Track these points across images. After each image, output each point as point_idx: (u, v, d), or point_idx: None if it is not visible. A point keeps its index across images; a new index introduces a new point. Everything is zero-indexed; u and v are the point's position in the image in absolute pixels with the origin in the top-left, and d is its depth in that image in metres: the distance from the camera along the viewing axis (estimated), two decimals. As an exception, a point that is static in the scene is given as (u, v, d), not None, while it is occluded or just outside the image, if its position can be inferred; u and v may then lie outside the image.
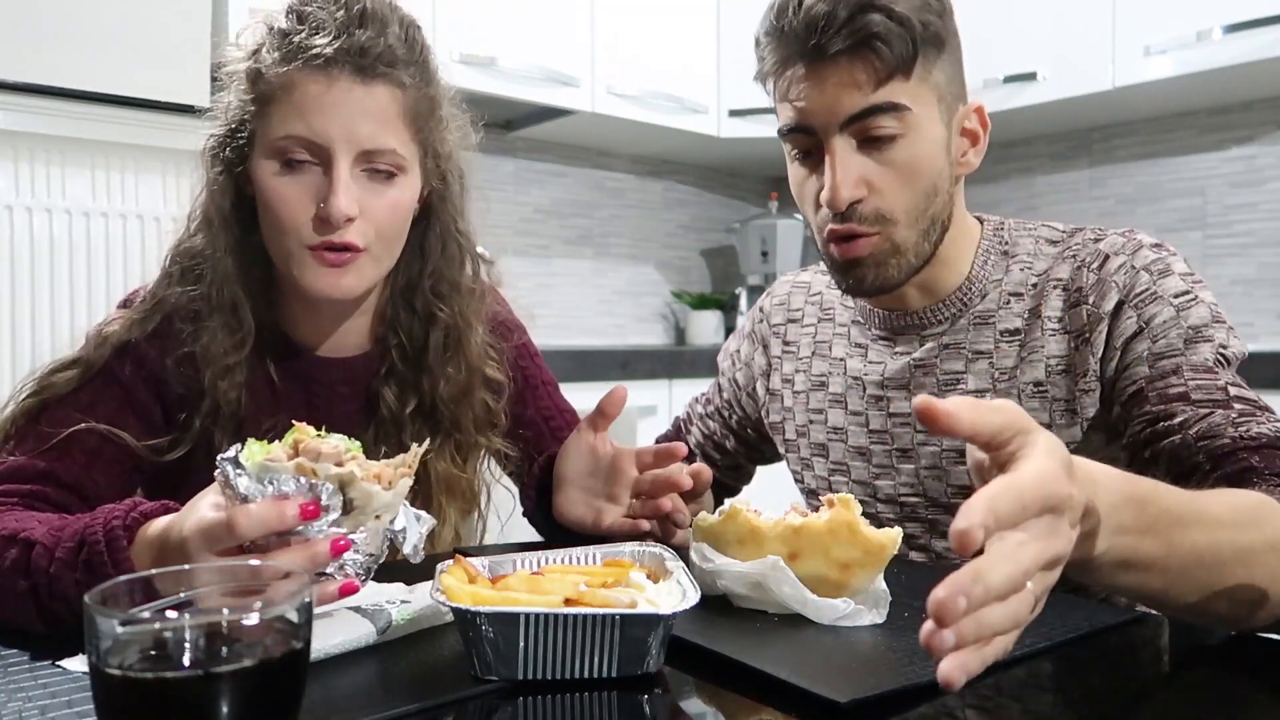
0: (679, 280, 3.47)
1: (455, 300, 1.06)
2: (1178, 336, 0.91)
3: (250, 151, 0.96)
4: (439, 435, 1.06)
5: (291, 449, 0.69)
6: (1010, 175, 3.03)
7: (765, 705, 0.61)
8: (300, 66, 0.91)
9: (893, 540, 0.74)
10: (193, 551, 0.67)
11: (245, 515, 0.65)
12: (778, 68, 0.97)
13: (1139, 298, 0.93)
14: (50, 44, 1.85)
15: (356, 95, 0.92)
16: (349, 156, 0.92)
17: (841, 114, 0.93)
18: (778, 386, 1.21)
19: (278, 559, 0.65)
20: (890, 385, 1.07)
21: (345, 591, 0.68)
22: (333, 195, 0.91)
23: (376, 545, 0.71)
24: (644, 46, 2.79)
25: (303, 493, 0.67)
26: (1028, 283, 1.01)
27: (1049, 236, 1.03)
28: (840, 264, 1.00)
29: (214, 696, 0.44)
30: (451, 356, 1.06)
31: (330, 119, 0.91)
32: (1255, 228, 2.58)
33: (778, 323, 1.23)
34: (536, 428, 1.19)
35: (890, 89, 0.92)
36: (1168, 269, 0.94)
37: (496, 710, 0.60)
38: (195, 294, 0.98)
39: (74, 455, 0.92)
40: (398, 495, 0.70)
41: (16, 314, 1.89)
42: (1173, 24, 2.30)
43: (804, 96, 0.95)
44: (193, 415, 0.98)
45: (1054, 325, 0.98)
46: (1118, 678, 0.68)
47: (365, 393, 1.07)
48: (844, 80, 0.92)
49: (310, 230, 0.93)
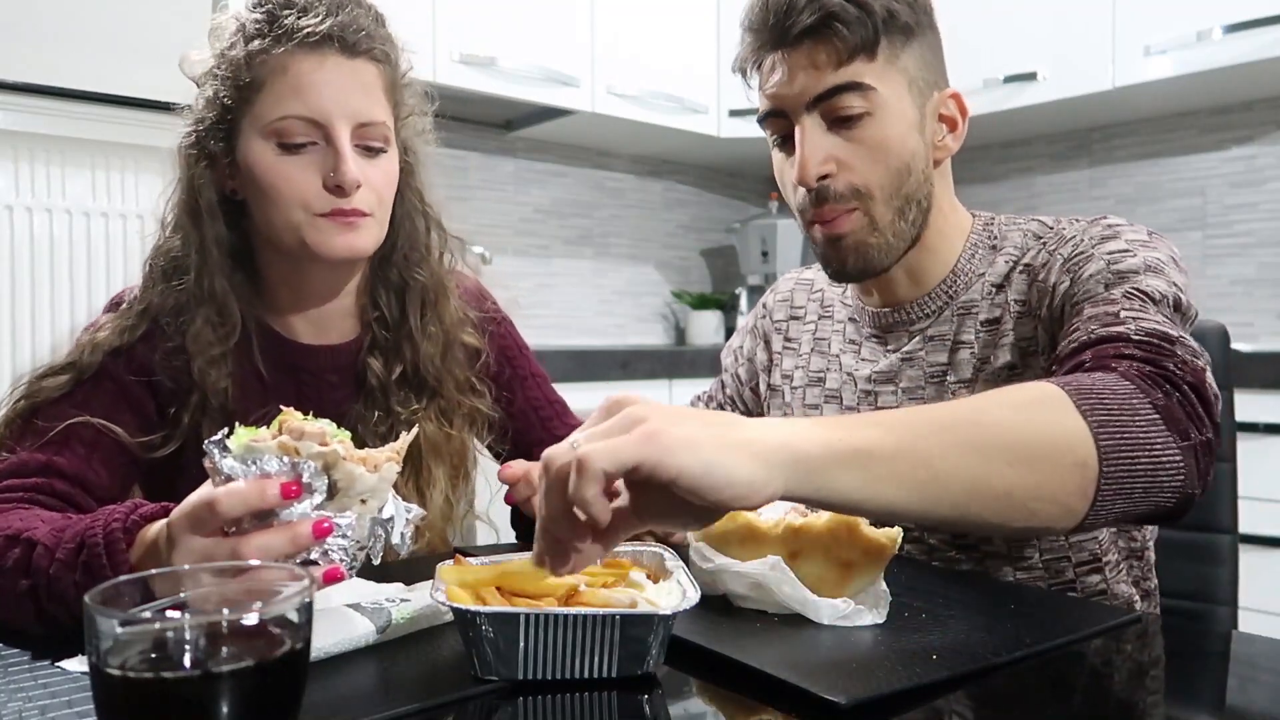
0: (679, 280, 3.47)
1: (427, 265, 1.10)
2: (1099, 281, 0.90)
3: (235, 140, 0.97)
4: (424, 398, 1.09)
5: (277, 430, 0.69)
6: (1010, 175, 3.03)
7: (765, 705, 0.61)
8: (292, 48, 0.94)
9: (893, 540, 0.74)
10: (176, 535, 0.67)
11: (227, 494, 0.65)
12: (752, 58, 1.02)
13: (1074, 260, 0.94)
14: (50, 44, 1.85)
15: (346, 71, 0.96)
16: (347, 129, 0.96)
17: (807, 94, 0.97)
18: (778, 382, 1.21)
19: (257, 541, 0.65)
20: (879, 380, 1.08)
21: (329, 578, 0.67)
22: (341, 164, 0.95)
23: (364, 533, 0.70)
24: (644, 46, 2.79)
25: (285, 472, 0.67)
26: (1008, 274, 1.02)
27: (1036, 230, 1.04)
28: (823, 243, 1.02)
29: (214, 696, 0.44)
30: (430, 318, 1.10)
31: (325, 95, 0.95)
32: (1255, 228, 2.58)
33: (780, 319, 1.24)
34: (526, 419, 1.21)
35: (854, 69, 0.96)
36: (1115, 234, 0.94)
37: (496, 710, 0.60)
38: (180, 288, 0.99)
39: (73, 448, 0.93)
40: (384, 480, 0.70)
41: (16, 314, 1.89)
42: (1173, 24, 2.30)
43: (774, 82, 0.99)
44: (182, 410, 0.99)
45: (1018, 308, 1.00)
46: (1117, 678, 0.68)
47: (353, 377, 1.08)
48: (807, 62, 0.97)
49: (318, 201, 0.96)
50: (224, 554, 0.65)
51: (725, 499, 0.57)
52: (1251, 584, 1.35)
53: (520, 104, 2.62)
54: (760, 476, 0.57)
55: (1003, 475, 0.65)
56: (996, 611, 0.76)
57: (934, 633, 0.70)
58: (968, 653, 0.65)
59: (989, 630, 0.70)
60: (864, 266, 1.02)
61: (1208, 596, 1.16)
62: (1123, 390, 0.72)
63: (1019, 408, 0.69)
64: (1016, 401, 0.70)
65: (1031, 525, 0.68)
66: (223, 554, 0.65)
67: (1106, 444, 0.68)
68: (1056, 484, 0.67)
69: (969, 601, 0.79)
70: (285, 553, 0.66)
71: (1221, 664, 0.73)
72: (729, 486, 0.56)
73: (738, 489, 0.57)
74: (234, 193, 1.00)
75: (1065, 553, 0.99)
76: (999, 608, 0.77)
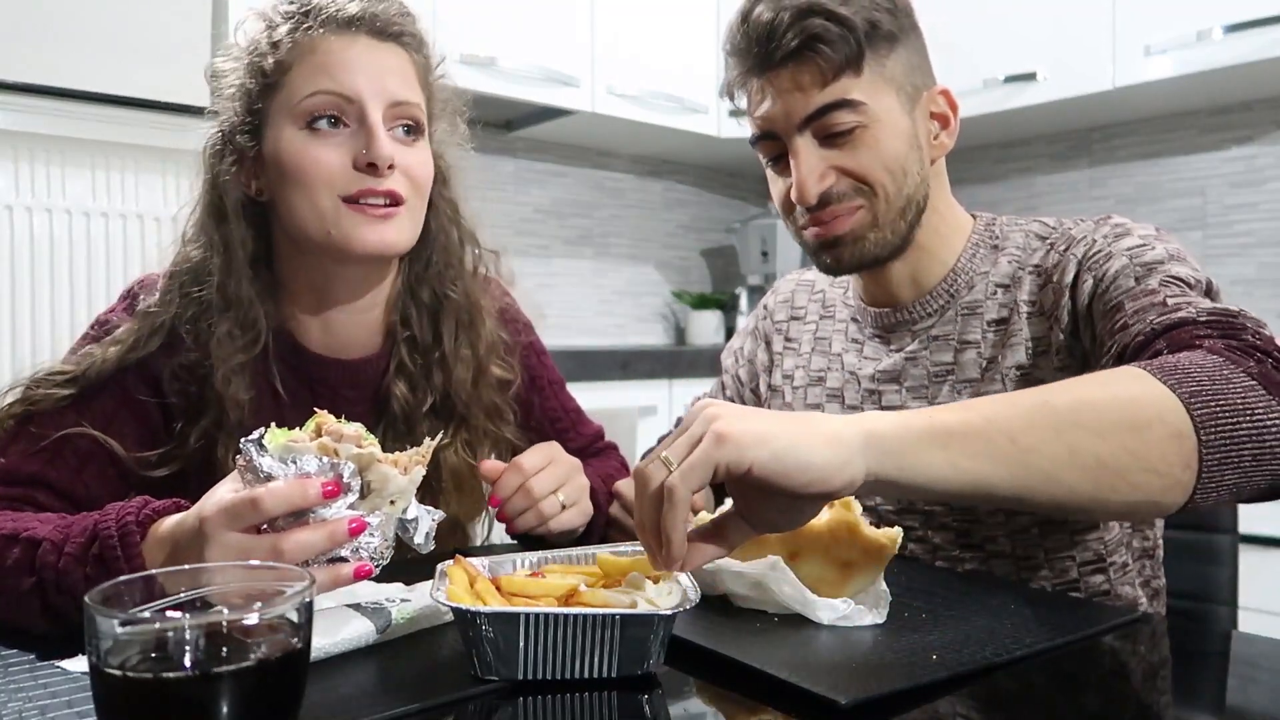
0: (679, 280, 3.47)
1: (461, 282, 1.07)
2: (1129, 274, 0.90)
3: (263, 132, 0.95)
4: (451, 426, 1.06)
5: (315, 432, 0.70)
6: (1010, 175, 3.02)
7: (765, 705, 0.61)
8: (320, 29, 0.93)
9: (893, 540, 0.74)
10: (211, 531, 0.66)
11: (270, 493, 0.65)
12: (739, 81, 1.02)
13: (1093, 260, 0.94)
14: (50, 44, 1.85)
15: (378, 52, 0.95)
16: (379, 108, 0.93)
17: (796, 116, 0.97)
18: (779, 382, 1.21)
19: (296, 537, 0.66)
20: (882, 379, 1.08)
21: (360, 574, 0.68)
22: (374, 141, 0.92)
23: (390, 532, 0.72)
24: (644, 46, 2.79)
25: (325, 472, 0.67)
26: (1014, 274, 1.02)
27: (1039, 231, 1.05)
28: (819, 245, 1.02)
29: (214, 696, 0.44)
30: (463, 341, 1.06)
31: (356, 72, 0.93)
32: (1255, 228, 2.58)
33: (781, 319, 1.24)
34: (542, 430, 1.19)
35: (840, 86, 0.96)
36: (1127, 232, 0.95)
37: (496, 710, 0.60)
38: (201, 294, 0.95)
39: (66, 459, 0.90)
40: (412, 482, 0.71)
41: (16, 314, 1.89)
42: (1173, 24, 2.30)
43: (762, 105, 0.99)
44: (190, 427, 0.95)
45: (1029, 308, 1.00)
46: (1118, 678, 0.68)
47: (373, 395, 1.05)
48: (792, 85, 0.97)
49: (346, 181, 0.92)
50: (263, 550, 0.65)
51: (802, 485, 0.60)
52: (1251, 584, 1.35)
53: (520, 104, 2.62)
54: (836, 460, 0.60)
55: (1093, 445, 0.65)
56: (996, 611, 0.76)
57: (934, 633, 0.70)
58: (968, 653, 0.65)
59: (989, 630, 0.70)
60: (859, 260, 1.02)
61: (1208, 596, 1.16)
62: (1211, 363, 0.71)
63: (1103, 384, 0.69)
64: (1098, 379, 0.71)
65: (1135, 499, 0.66)
66: (261, 550, 0.65)
67: (1201, 413, 0.67)
68: (1155, 455, 0.66)
69: (969, 601, 0.79)
70: (322, 549, 0.67)
71: (1221, 664, 0.72)
72: (804, 471, 0.59)
73: (813, 473, 0.60)
74: (259, 193, 0.97)
75: (1070, 552, 0.99)
76: (999, 608, 0.77)
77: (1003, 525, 1.00)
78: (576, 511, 0.99)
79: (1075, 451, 0.65)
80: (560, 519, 0.97)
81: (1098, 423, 0.66)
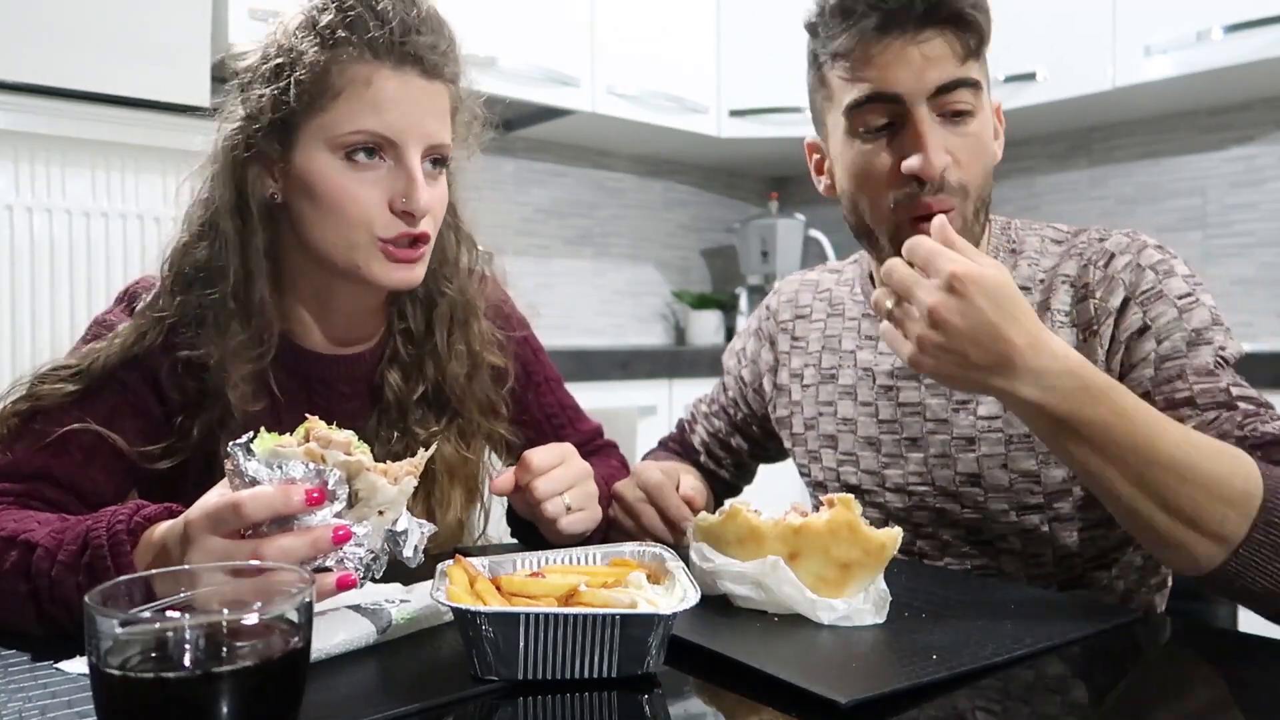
0: (679, 280, 3.47)
1: (457, 281, 1.07)
2: (1181, 339, 0.92)
3: (293, 142, 0.93)
4: (444, 419, 1.06)
5: (304, 437, 0.70)
6: (1010, 175, 3.02)
7: (765, 705, 0.61)
8: (376, 63, 0.91)
9: (893, 540, 0.74)
10: (194, 534, 0.66)
11: (252, 497, 0.65)
12: (856, 42, 0.96)
13: (1144, 295, 0.95)
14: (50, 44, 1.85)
15: (426, 93, 0.94)
16: (419, 151, 0.94)
17: (931, 84, 0.94)
18: (785, 381, 1.21)
19: (279, 543, 0.65)
20: (900, 375, 1.08)
21: (342, 585, 0.67)
22: (415, 190, 0.92)
23: (378, 543, 0.71)
24: (644, 46, 2.79)
25: (310, 478, 0.67)
26: (1035, 278, 1.02)
27: (1053, 236, 1.05)
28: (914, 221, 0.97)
29: (214, 696, 0.44)
30: (456, 338, 1.07)
31: (404, 114, 0.92)
32: (1255, 228, 2.58)
33: (785, 319, 1.24)
34: (539, 427, 1.19)
35: (969, 66, 0.96)
36: (1171, 270, 0.96)
37: (496, 710, 0.60)
38: (210, 297, 0.95)
39: (70, 453, 0.90)
40: (402, 493, 0.70)
41: (16, 314, 1.89)
42: (1173, 24, 2.30)
43: (891, 66, 0.95)
44: (191, 421, 0.95)
45: (1062, 318, 0.99)
46: (1118, 678, 0.68)
47: (368, 389, 1.06)
48: (937, 52, 0.94)
49: (383, 224, 0.93)
50: (244, 555, 0.65)
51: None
52: (1251, 584, 1.34)
53: (520, 104, 2.62)
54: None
55: (1191, 496, 0.76)
56: (996, 611, 0.76)
57: (934, 633, 0.70)
58: (968, 653, 0.65)
59: (989, 630, 0.70)
60: None
61: (1208, 596, 1.16)
62: None
63: (1232, 459, 0.78)
64: (1231, 455, 0.79)
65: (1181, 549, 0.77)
66: (243, 555, 0.65)
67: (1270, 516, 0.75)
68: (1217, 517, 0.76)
69: (969, 601, 0.79)
70: (305, 556, 0.66)
71: (1221, 664, 0.73)
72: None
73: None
74: (273, 196, 0.96)
75: (1078, 550, 1.00)
76: (999, 608, 0.77)
77: (1012, 524, 1.00)
78: (584, 517, 0.97)
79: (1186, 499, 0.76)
80: (564, 522, 0.96)
81: (1208, 485, 0.76)
